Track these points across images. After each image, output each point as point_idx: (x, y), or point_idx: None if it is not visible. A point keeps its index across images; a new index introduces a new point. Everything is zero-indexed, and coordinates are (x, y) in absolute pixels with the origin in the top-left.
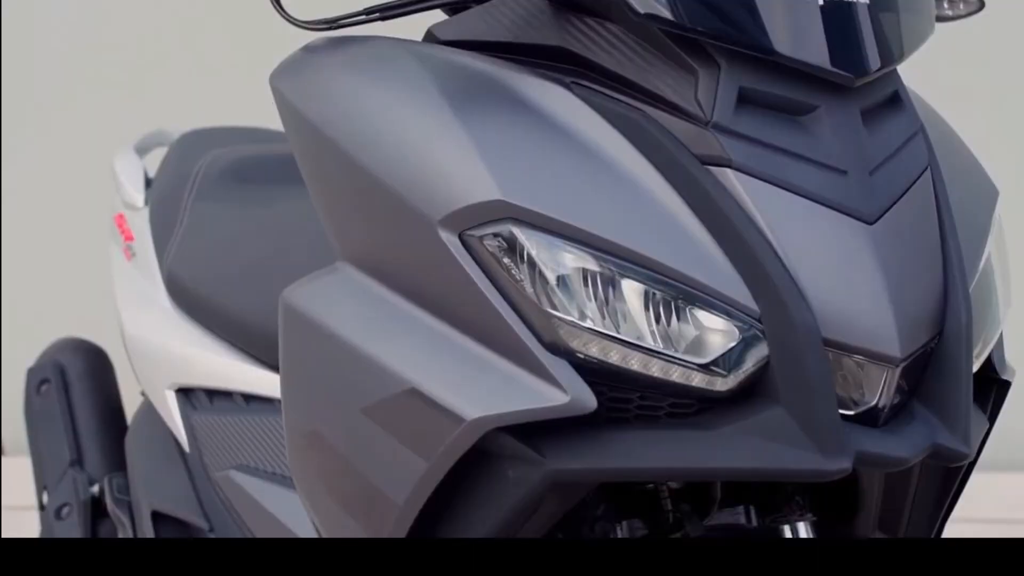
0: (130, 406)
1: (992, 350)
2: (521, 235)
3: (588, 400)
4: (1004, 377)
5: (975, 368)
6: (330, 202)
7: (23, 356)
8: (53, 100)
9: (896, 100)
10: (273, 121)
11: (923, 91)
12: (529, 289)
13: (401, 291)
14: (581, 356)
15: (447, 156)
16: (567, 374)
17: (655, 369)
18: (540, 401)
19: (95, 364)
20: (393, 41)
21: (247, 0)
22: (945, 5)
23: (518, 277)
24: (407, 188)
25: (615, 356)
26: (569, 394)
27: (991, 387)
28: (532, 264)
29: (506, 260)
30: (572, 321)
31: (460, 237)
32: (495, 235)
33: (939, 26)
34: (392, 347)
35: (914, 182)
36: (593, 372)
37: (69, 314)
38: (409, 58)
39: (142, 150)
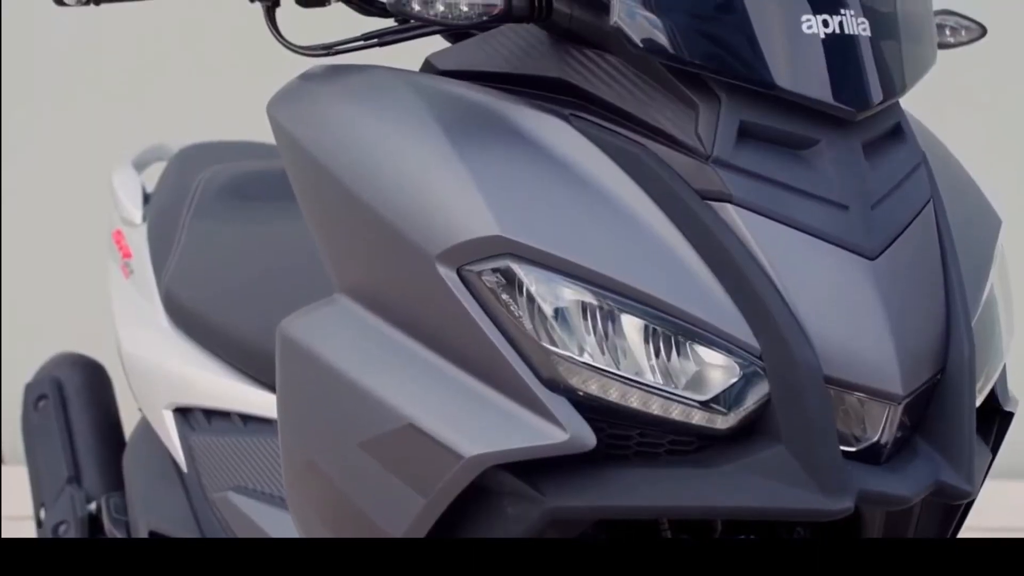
0: (128, 421)
1: (995, 382)
2: (520, 270)
3: (587, 438)
4: (1007, 408)
5: (978, 402)
6: (327, 232)
7: (23, 357)
8: (53, 100)
9: (898, 132)
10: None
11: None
12: (528, 325)
13: (399, 324)
14: (580, 393)
15: (444, 189)
16: (566, 411)
17: (655, 406)
18: (539, 439)
19: (93, 379)
20: (390, 71)
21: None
22: (947, 32)
23: (517, 313)
24: (404, 221)
25: (614, 393)
26: (568, 432)
27: (994, 418)
28: (531, 299)
29: (504, 296)
30: (571, 357)
31: (458, 272)
32: (493, 270)
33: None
34: (390, 382)
35: (916, 215)
36: (592, 409)
37: (69, 313)
38: (406, 88)
39: (140, 165)
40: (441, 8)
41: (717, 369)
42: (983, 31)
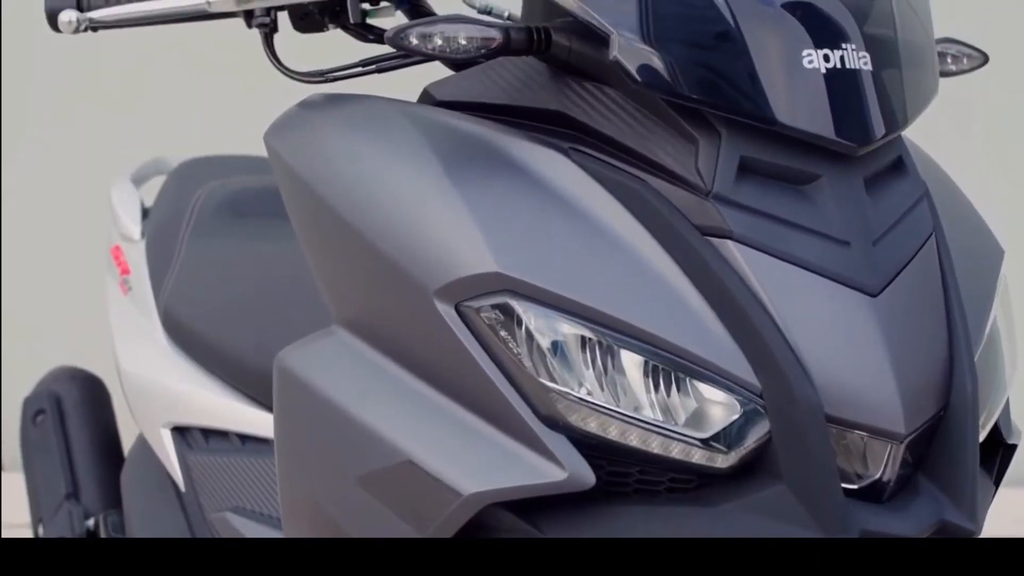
0: (127, 436)
1: (999, 415)
2: (518, 307)
3: (586, 476)
4: (1011, 441)
5: (981, 437)
6: (324, 263)
7: (23, 357)
8: (54, 99)
9: (900, 165)
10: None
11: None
12: (527, 362)
13: (397, 358)
14: (580, 431)
15: (442, 223)
16: (565, 449)
17: (654, 444)
18: (538, 477)
19: (91, 394)
20: (389, 101)
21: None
22: (948, 60)
23: (516, 350)
24: (402, 254)
25: (614, 431)
26: (567, 470)
27: (997, 450)
28: (530, 336)
29: (503, 332)
30: (570, 394)
31: (456, 308)
32: (492, 307)
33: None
34: (388, 416)
35: (918, 250)
36: (591, 446)
37: (69, 315)
38: (405, 119)
39: (139, 180)
40: (439, 42)
41: (717, 406)
42: (985, 59)
